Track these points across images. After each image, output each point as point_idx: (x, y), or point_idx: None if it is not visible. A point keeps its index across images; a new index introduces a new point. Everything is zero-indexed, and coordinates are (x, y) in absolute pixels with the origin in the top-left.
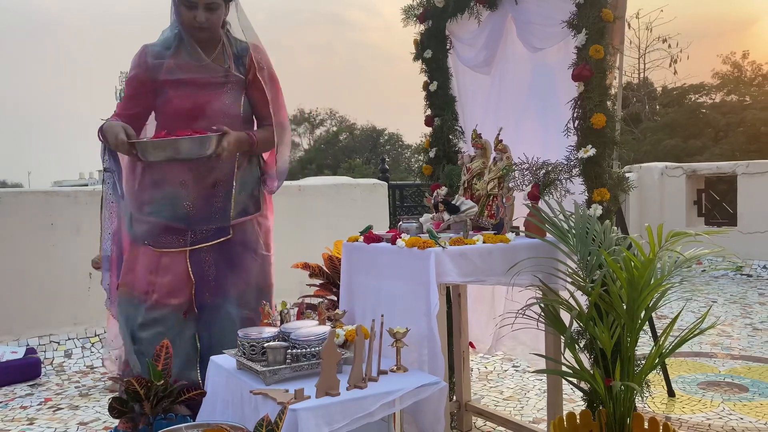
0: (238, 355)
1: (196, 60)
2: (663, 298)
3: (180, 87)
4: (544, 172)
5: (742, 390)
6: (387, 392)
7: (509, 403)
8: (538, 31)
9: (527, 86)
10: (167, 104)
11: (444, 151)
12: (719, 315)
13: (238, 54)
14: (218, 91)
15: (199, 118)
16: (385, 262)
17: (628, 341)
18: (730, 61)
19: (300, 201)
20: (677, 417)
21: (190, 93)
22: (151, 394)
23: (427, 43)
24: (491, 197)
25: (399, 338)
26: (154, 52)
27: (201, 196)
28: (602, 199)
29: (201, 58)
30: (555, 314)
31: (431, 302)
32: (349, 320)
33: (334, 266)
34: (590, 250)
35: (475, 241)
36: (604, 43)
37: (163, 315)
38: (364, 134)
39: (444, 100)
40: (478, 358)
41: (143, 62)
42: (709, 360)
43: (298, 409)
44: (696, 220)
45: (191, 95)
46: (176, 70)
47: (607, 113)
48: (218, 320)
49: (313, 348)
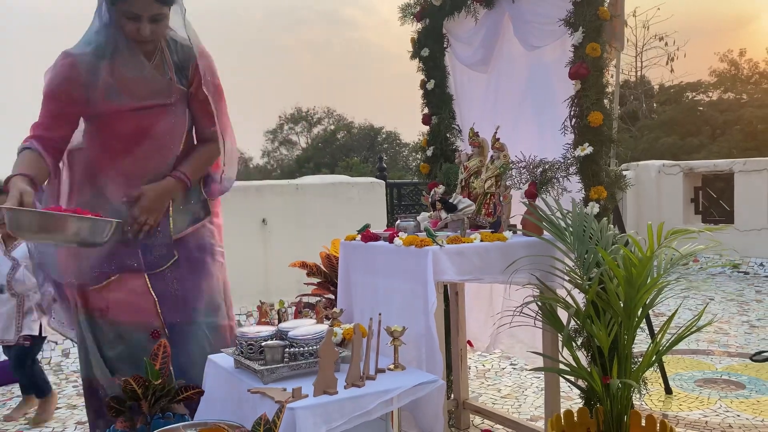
0: (236, 354)
1: (136, 71)
2: (660, 295)
3: (119, 105)
4: (541, 170)
5: (739, 387)
6: (385, 390)
7: (507, 401)
8: (535, 30)
9: (524, 84)
10: (104, 126)
11: (441, 150)
12: (716, 312)
13: (181, 62)
14: (162, 108)
15: (142, 142)
16: (382, 260)
17: (625, 339)
18: (727, 59)
19: (297, 200)
20: (674, 414)
21: (132, 113)
22: (148, 393)
23: (425, 41)
24: (488, 195)
25: (396, 337)
26: (86, 62)
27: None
28: (599, 197)
29: (142, 67)
30: (552, 312)
31: (429, 300)
32: (346, 319)
33: (331, 265)
34: (587, 248)
35: (473, 240)
36: (600, 41)
37: (125, 332)
38: (361, 133)
39: (441, 98)
40: (475, 357)
41: (74, 75)
42: (707, 357)
43: (296, 407)
44: (693, 218)
45: (133, 116)
46: (114, 84)
47: (604, 111)
48: (191, 337)
49: (311, 347)
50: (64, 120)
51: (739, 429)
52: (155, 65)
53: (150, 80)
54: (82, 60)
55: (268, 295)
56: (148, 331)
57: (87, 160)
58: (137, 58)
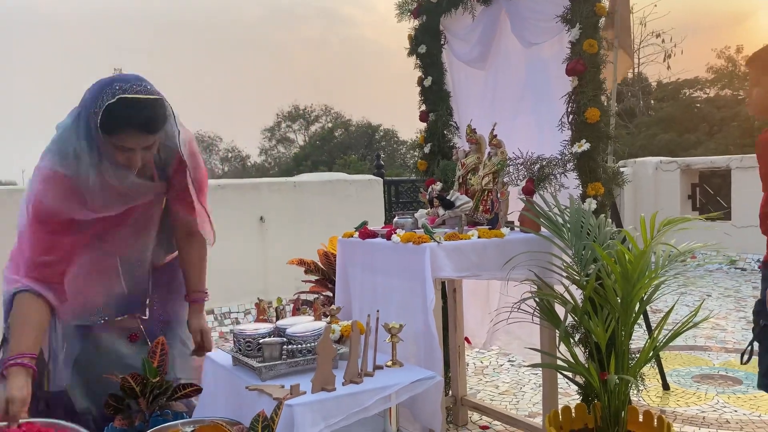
0: (234, 351)
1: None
2: (657, 291)
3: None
4: (538, 166)
5: (737, 383)
6: (383, 387)
7: (505, 398)
8: (532, 26)
9: (522, 81)
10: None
11: (439, 147)
12: (713, 309)
13: (164, 159)
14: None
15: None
16: (380, 257)
17: (622, 335)
18: (724, 55)
19: (295, 197)
20: (672, 410)
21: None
22: (146, 391)
23: (422, 38)
24: (486, 192)
25: (394, 333)
26: (73, 179)
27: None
28: (597, 194)
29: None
30: (550, 308)
31: (427, 297)
32: (345, 316)
33: (329, 262)
34: (585, 244)
35: (470, 236)
36: (597, 38)
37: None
38: (359, 130)
39: (439, 95)
40: (473, 353)
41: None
42: (704, 353)
43: (294, 404)
44: (690, 214)
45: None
46: (98, 196)
47: (601, 108)
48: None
49: (309, 343)
50: (59, 241)
51: (736, 424)
52: (138, 173)
53: (132, 187)
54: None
55: (266, 292)
56: (125, 335)
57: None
58: (122, 172)
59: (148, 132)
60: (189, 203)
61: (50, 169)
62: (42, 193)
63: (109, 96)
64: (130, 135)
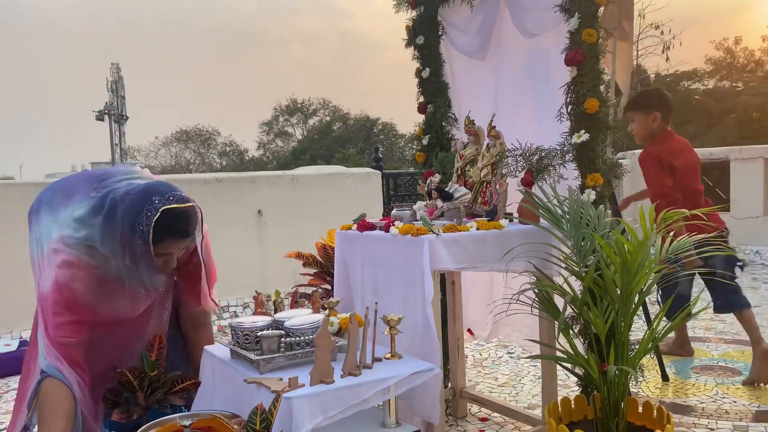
0: (232, 345)
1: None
2: (656, 282)
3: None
4: (537, 157)
5: (736, 374)
6: (382, 379)
7: (504, 390)
8: (532, 17)
9: (522, 72)
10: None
11: (437, 139)
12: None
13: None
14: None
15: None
16: (378, 249)
17: (622, 326)
18: (722, 47)
19: (293, 191)
20: (671, 401)
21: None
22: (144, 385)
23: (419, 29)
24: (484, 184)
25: (393, 326)
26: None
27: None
28: (596, 185)
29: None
30: (549, 299)
31: (425, 289)
32: (343, 308)
33: (327, 255)
34: (584, 235)
35: (469, 228)
36: (596, 27)
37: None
38: (357, 124)
39: (437, 86)
40: (472, 345)
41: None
42: (703, 344)
43: (293, 397)
44: None
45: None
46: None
47: (601, 98)
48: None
49: (307, 336)
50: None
51: (735, 415)
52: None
53: (158, 286)
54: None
55: (265, 285)
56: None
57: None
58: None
59: (187, 237)
60: (197, 294)
61: (77, 258)
62: (70, 278)
63: (153, 211)
64: (173, 242)
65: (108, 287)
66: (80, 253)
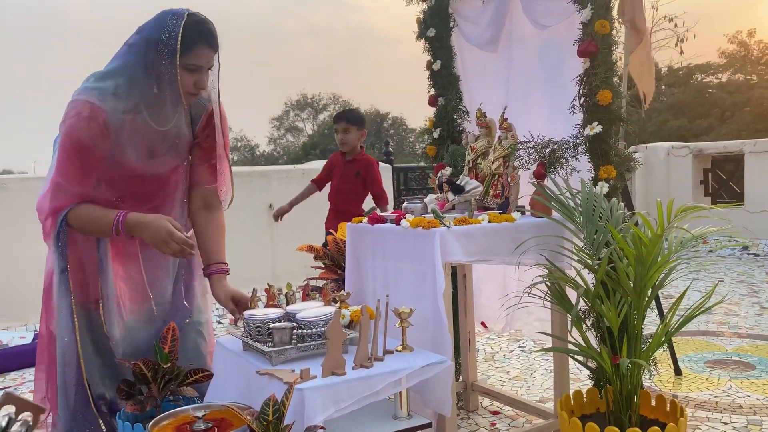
0: (244, 336)
1: (158, 125)
2: (670, 275)
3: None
4: (549, 150)
5: (749, 368)
6: (393, 371)
7: (515, 383)
8: (544, 8)
9: (534, 64)
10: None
11: (448, 131)
12: (726, 294)
13: (195, 115)
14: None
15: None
16: (389, 242)
17: (635, 319)
18: (736, 40)
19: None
20: (684, 395)
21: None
22: (158, 377)
23: (431, 21)
24: (496, 176)
25: (404, 318)
26: (112, 111)
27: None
28: (609, 177)
29: (167, 122)
30: (561, 292)
31: (437, 282)
32: (354, 301)
33: (338, 248)
34: (597, 228)
35: (481, 221)
36: (609, 18)
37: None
38: (367, 118)
39: (448, 79)
40: (483, 339)
41: (105, 133)
42: (716, 339)
43: (305, 388)
44: (702, 200)
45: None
46: (135, 136)
47: (614, 89)
48: (189, 335)
49: (319, 328)
50: (92, 171)
51: (749, 409)
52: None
53: (173, 133)
54: (109, 108)
55: (276, 279)
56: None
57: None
58: (169, 112)
59: (214, 48)
60: (212, 167)
61: (86, 101)
62: (77, 125)
63: (178, 18)
64: (202, 51)
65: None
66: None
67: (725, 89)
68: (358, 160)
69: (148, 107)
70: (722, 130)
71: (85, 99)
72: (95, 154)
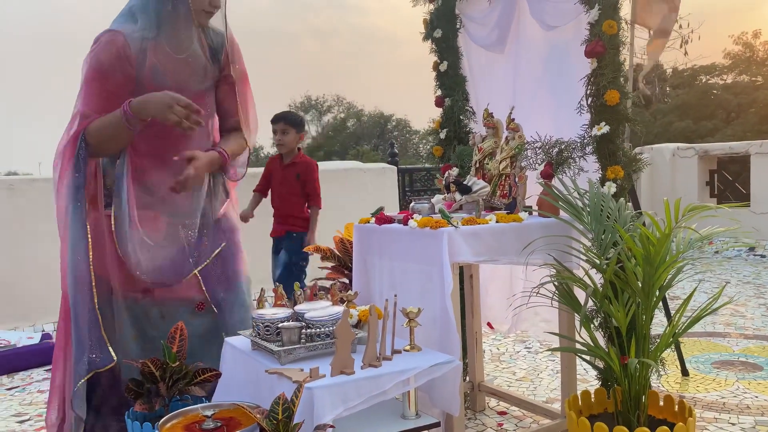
0: (253, 336)
1: (180, 50)
2: (678, 275)
3: (160, 87)
4: (557, 150)
5: (757, 369)
6: (401, 371)
7: (522, 384)
8: (551, 8)
9: (541, 64)
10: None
11: (455, 132)
12: (732, 295)
13: (215, 47)
14: (199, 92)
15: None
16: (397, 242)
17: (643, 319)
18: (741, 41)
19: None
20: (692, 396)
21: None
22: (166, 376)
23: (437, 22)
24: (503, 177)
25: (412, 318)
26: (135, 39)
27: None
28: (616, 177)
29: (187, 47)
30: (569, 292)
31: (445, 282)
32: (362, 301)
33: (345, 249)
34: (605, 228)
35: (488, 221)
36: (617, 18)
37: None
38: (371, 120)
39: (454, 80)
40: (490, 340)
41: (124, 55)
42: (723, 340)
43: (314, 387)
44: (708, 201)
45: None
46: (158, 65)
47: (621, 90)
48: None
49: (328, 328)
50: (114, 99)
51: (757, 410)
52: (195, 46)
53: (191, 61)
54: (131, 37)
55: None
56: (192, 306)
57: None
58: (184, 35)
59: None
60: (234, 102)
61: (112, 32)
62: (96, 49)
63: None
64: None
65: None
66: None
67: (730, 90)
68: (298, 162)
69: (162, 28)
70: (727, 132)
71: (104, 30)
72: (115, 78)
